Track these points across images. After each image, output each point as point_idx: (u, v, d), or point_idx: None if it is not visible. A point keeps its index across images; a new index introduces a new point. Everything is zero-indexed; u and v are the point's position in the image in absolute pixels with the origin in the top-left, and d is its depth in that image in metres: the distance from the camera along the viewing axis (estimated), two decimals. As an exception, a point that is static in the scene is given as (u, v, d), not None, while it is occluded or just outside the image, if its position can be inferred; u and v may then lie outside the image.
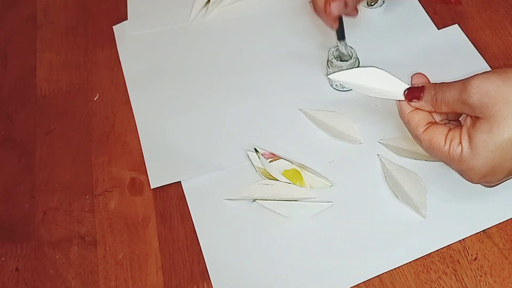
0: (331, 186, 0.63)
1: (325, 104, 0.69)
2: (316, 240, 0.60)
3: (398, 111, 0.54)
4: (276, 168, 0.64)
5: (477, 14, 0.74)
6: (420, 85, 0.53)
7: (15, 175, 0.70)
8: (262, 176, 0.64)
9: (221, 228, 0.62)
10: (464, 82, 0.49)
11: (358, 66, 0.67)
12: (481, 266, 0.57)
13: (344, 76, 0.56)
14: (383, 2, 0.75)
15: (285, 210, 0.62)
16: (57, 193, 0.68)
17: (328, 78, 0.69)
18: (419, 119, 0.53)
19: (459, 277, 0.57)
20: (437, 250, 0.58)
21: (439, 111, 0.52)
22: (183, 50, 0.77)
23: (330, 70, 0.67)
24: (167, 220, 0.64)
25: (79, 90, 0.76)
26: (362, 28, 0.75)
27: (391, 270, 0.58)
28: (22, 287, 0.62)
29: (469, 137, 0.49)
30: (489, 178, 0.50)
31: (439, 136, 0.51)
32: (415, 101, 0.53)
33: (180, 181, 0.66)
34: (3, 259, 0.64)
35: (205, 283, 0.60)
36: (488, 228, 0.59)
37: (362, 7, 0.76)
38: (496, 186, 0.53)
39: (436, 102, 0.51)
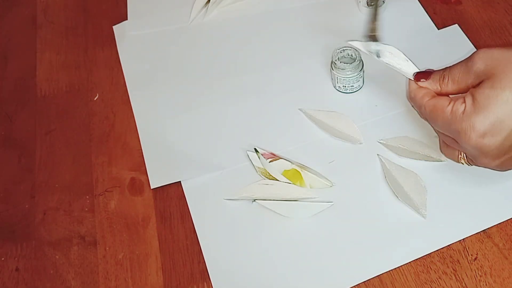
0: (331, 186, 0.63)
1: (325, 104, 0.69)
2: (316, 240, 0.60)
3: (406, 91, 0.57)
4: (276, 168, 0.64)
5: (477, 14, 0.74)
6: (430, 70, 0.56)
7: (15, 175, 0.70)
8: (262, 176, 0.64)
9: (221, 228, 0.62)
10: (470, 55, 0.52)
11: (362, 69, 0.67)
12: (481, 266, 0.57)
13: (363, 45, 0.61)
14: (383, 2, 0.75)
15: (285, 210, 0.62)
16: (57, 193, 0.68)
17: (332, 79, 0.69)
18: (425, 92, 0.55)
19: (459, 277, 0.57)
20: (437, 250, 0.58)
21: (445, 90, 0.54)
22: (183, 50, 0.77)
23: (334, 72, 0.67)
24: (167, 220, 0.64)
25: (79, 90, 0.76)
26: (362, 28, 0.75)
27: (391, 270, 0.58)
28: (22, 287, 0.62)
29: (473, 95, 0.51)
30: (488, 139, 0.50)
31: (443, 100, 0.53)
32: (423, 80, 0.55)
33: (180, 181, 0.66)
34: (3, 259, 0.64)
35: (205, 283, 0.60)
36: (488, 228, 0.59)
37: (362, 7, 0.76)
38: (492, 170, 0.54)
39: (443, 79, 0.54)
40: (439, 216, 0.60)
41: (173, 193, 0.66)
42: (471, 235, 0.58)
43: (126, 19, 0.81)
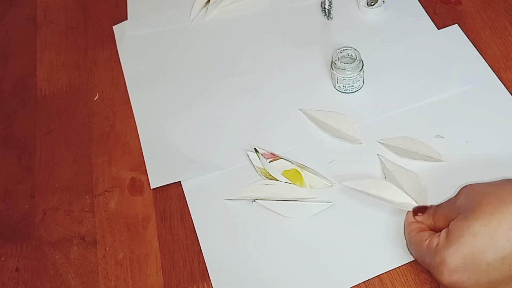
0: (331, 186, 0.63)
1: (325, 104, 0.69)
2: (316, 240, 0.60)
3: (404, 222, 0.57)
4: (276, 168, 0.64)
5: (477, 14, 0.74)
6: (426, 206, 0.56)
7: (15, 175, 0.70)
8: (262, 176, 0.64)
9: (221, 228, 0.62)
10: (458, 191, 0.52)
11: (362, 69, 0.67)
12: (481, 266, 0.57)
13: (359, 186, 0.59)
14: (383, 2, 0.75)
15: (285, 210, 0.62)
16: (57, 193, 0.68)
17: (332, 79, 0.69)
18: (415, 227, 0.55)
19: (459, 277, 0.57)
20: (437, 250, 0.58)
21: (438, 225, 0.53)
22: (183, 50, 0.77)
23: (334, 72, 0.67)
24: (167, 220, 0.64)
25: (79, 90, 0.76)
26: (362, 28, 0.75)
27: (391, 270, 0.58)
28: (22, 287, 0.62)
29: (448, 228, 0.49)
30: (460, 275, 0.46)
31: (423, 233, 0.52)
32: (420, 215, 0.55)
33: (180, 181, 0.66)
34: (3, 259, 0.64)
35: (205, 283, 0.60)
36: (488, 228, 0.58)
37: (362, 7, 0.76)
38: None
39: (436, 214, 0.53)
40: (439, 216, 0.60)
41: (173, 193, 0.66)
42: (471, 235, 0.58)
43: (126, 19, 0.82)
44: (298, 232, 0.61)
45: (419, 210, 0.55)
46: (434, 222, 0.53)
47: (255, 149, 0.65)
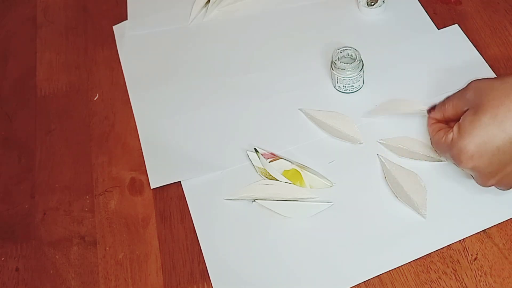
0: (331, 186, 0.63)
1: (325, 104, 0.69)
2: (316, 240, 0.60)
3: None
4: (276, 168, 0.64)
5: (477, 14, 0.74)
6: (435, 103, 0.62)
7: (15, 175, 0.70)
8: (262, 176, 0.64)
9: (221, 228, 0.62)
10: (467, 84, 0.57)
11: (362, 69, 0.67)
12: (481, 266, 0.57)
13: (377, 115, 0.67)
14: (383, 2, 0.75)
15: (285, 210, 0.62)
16: (57, 193, 0.68)
17: (332, 79, 0.69)
18: (435, 126, 0.61)
19: (459, 277, 0.57)
20: (437, 250, 0.58)
21: (446, 115, 0.59)
22: (183, 50, 0.77)
23: (334, 72, 0.67)
24: (167, 220, 0.64)
25: (79, 90, 0.76)
26: (362, 28, 0.75)
27: (391, 270, 0.58)
28: (22, 287, 0.62)
29: (459, 124, 0.56)
30: (477, 160, 0.54)
31: (440, 132, 0.59)
32: (432, 111, 0.62)
33: (180, 181, 0.66)
34: (3, 259, 0.64)
35: (205, 283, 0.60)
36: (488, 228, 0.59)
37: (362, 7, 0.76)
38: (491, 187, 0.56)
39: (444, 106, 0.60)
40: (439, 216, 0.60)
41: (173, 193, 0.66)
42: (471, 235, 0.58)
43: (126, 19, 0.82)
44: (298, 232, 0.61)
45: (431, 108, 0.62)
46: (443, 113, 0.60)
47: (255, 149, 0.65)
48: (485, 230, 0.59)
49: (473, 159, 0.54)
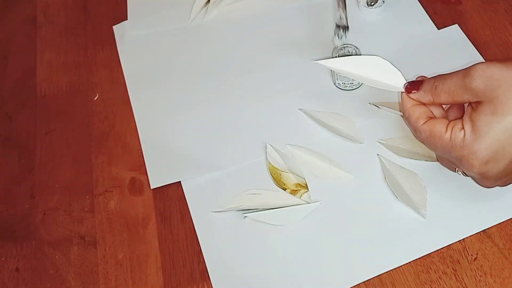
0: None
1: (325, 104, 0.69)
2: (315, 240, 0.60)
3: (399, 104, 0.54)
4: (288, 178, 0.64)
5: (477, 14, 0.74)
6: (420, 79, 0.53)
7: (15, 175, 0.70)
8: (270, 173, 0.64)
9: (221, 228, 0.62)
10: (467, 69, 0.49)
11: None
12: (481, 266, 0.57)
13: (340, 64, 0.56)
14: (383, 2, 0.75)
15: (274, 219, 0.61)
16: (57, 193, 0.68)
17: (332, 76, 0.69)
18: (420, 112, 0.53)
19: (459, 277, 0.57)
20: (437, 250, 0.58)
21: (438, 101, 0.52)
22: (183, 50, 0.77)
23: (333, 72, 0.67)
24: (167, 220, 0.64)
25: (79, 90, 0.76)
26: (362, 28, 0.75)
27: (391, 270, 0.58)
28: (22, 287, 0.62)
29: (472, 121, 0.49)
30: (491, 166, 0.49)
31: (440, 125, 0.51)
32: (414, 92, 0.53)
33: (180, 181, 0.66)
34: (3, 259, 0.64)
35: (205, 283, 0.60)
36: (488, 228, 0.58)
37: (362, 7, 0.76)
38: (494, 187, 0.53)
39: (435, 90, 0.51)
40: (439, 216, 0.60)
41: (173, 193, 0.66)
42: (471, 235, 0.58)
43: (126, 19, 0.81)
44: (298, 233, 0.61)
45: (414, 86, 0.52)
46: (433, 98, 0.52)
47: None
48: (485, 230, 0.58)
49: (487, 165, 0.49)
